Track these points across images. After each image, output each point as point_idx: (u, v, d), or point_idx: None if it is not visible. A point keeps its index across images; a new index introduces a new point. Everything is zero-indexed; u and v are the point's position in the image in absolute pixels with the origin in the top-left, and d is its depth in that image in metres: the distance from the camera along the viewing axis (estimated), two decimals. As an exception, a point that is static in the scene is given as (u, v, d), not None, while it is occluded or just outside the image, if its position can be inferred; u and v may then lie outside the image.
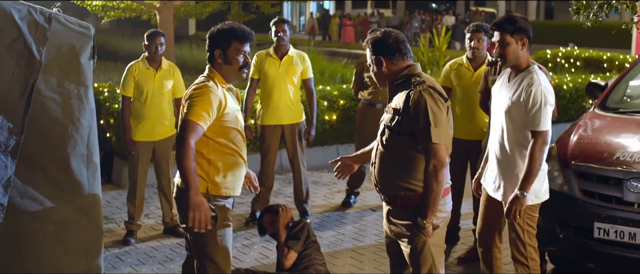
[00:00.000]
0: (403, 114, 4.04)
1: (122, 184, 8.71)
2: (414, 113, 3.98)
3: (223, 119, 4.26)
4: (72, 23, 5.37)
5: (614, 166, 5.39)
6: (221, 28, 4.34)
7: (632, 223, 5.19)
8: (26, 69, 5.10)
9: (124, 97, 6.79)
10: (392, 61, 4.12)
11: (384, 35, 4.15)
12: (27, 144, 5.09)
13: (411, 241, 4.14)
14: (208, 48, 4.35)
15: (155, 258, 6.40)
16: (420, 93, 3.98)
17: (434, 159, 3.94)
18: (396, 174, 4.12)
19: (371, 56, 4.19)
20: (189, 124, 4.12)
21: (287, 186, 8.70)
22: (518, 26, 4.64)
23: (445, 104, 4.05)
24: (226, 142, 4.32)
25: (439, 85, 4.15)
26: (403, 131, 4.05)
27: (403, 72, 4.13)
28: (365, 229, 7.27)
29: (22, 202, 5.23)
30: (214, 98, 4.19)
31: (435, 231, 4.10)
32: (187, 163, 4.08)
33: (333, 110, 9.89)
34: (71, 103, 5.39)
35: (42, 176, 5.31)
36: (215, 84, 4.27)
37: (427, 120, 3.94)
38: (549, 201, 5.45)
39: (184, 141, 4.09)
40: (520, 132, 4.74)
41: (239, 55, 4.29)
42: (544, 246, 5.71)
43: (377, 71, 4.19)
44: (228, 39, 4.28)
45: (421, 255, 4.13)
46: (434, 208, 4.00)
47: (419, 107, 3.97)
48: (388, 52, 4.11)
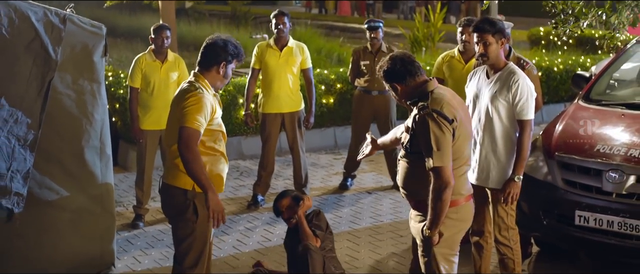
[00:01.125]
0: (412, 135, 4.35)
1: (128, 167, 9.06)
2: (420, 136, 4.27)
3: (212, 122, 4.59)
4: (85, 23, 5.71)
5: (594, 158, 5.76)
6: (228, 41, 4.66)
7: (610, 211, 5.56)
8: (43, 68, 5.44)
9: (131, 89, 7.13)
10: (405, 84, 4.40)
11: (391, 63, 4.42)
12: (44, 138, 5.45)
13: (422, 244, 4.49)
14: (211, 55, 4.64)
15: (164, 241, 6.78)
16: (424, 118, 4.24)
17: (438, 180, 4.22)
18: (414, 183, 4.43)
19: (386, 84, 4.50)
20: (190, 132, 4.43)
21: (286, 168, 9.06)
22: (498, 28, 5.03)
23: (450, 126, 4.24)
24: (211, 144, 4.65)
25: (447, 105, 4.29)
26: (413, 150, 4.37)
27: (417, 90, 4.39)
28: (362, 212, 7.65)
29: (40, 192, 5.60)
30: (207, 103, 4.51)
31: (443, 238, 4.40)
32: (199, 169, 4.43)
33: (330, 94, 10.23)
34: (85, 99, 5.75)
35: (58, 168, 5.68)
36: (205, 88, 4.59)
37: (429, 145, 4.20)
38: (534, 189, 5.86)
39: (189, 148, 4.41)
40: (508, 122, 5.13)
41: (231, 71, 4.68)
42: (529, 231, 6.13)
43: (395, 95, 4.49)
44: (234, 55, 4.63)
45: (428, 259, 4.46)
46: (438, 222, 4.29)
47: (423, 132, 4.24)
48: (399, 78, 4.40)
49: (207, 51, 4.67)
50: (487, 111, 5.16)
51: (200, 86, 4.59)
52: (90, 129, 5.81)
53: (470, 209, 4.54)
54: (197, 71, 4.69)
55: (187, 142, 4.42)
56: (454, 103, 4.38)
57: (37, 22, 5.43)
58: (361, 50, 8.25)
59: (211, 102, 4.56)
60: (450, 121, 4.25)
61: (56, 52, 5.49)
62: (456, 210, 4.40)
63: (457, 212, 4.41)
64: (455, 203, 4.38)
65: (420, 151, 4.31)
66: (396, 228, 7.13)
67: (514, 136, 5.12)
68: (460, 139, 4.32)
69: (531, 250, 6.44)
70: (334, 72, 10.60)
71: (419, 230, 4.45)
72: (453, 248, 4.49)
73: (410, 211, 4.63)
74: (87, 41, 5.73)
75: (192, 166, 4.43)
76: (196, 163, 4.43)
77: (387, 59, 4.50)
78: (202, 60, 4.68)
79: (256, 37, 17.85)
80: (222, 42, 4.65)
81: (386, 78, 4.49)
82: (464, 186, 4.46)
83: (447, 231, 4.40)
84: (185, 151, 4.43)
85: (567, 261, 6.32)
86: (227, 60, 4.63)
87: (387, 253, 6.58)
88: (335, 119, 10.39)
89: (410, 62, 4.44)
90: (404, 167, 4.51)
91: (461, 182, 4.41)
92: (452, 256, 4.50)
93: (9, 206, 5.33)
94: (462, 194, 4.44)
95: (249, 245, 6.78)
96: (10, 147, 5.32)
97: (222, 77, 4.66)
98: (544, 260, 6.42)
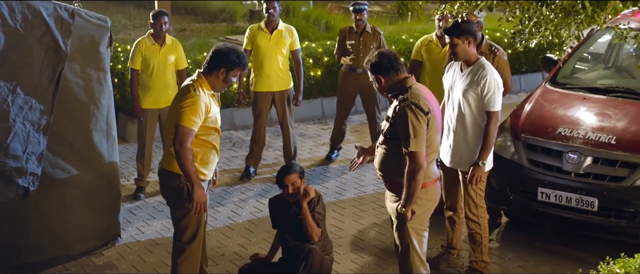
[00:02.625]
0: (392, 123, 4.93)
1: (127, 138, 9.60)
2: (398, 125, 4.85)
3: (206, 120, 5.12)
4: (91, 17, 6.22)
5: (556, 140, 6.36)
6: (232, 51, 5.17)
7: (569, 188, 6.19)
8: (54, 59, 5.97)
9: (132, 70, 7.65)
10: (388, 77, 4.98)
11: (379, 57, 4.99)
12: (56, 123, 6.02)
13: (397, 220, 5.08)
14: (213, 61, 5.16)
15: (164, 213, 7.36)
16: (404, 109, 4.81)
17: (413, 163, 4.81)
18: (390, 167, 5.03)
19: (371, 76, 5.04)
20: (184, 130, 4.99)
21: (276, 139, 9.60)
22: (462, 29, 5.57)
23: (426, 117, 4.83)
24: (205, 139, 5.19)
25: (423, 99, 4.85)
26: (392, 137, 4.95)
27: (398, 85, 4.96)
28: (346, 184, 8.25)
29: (53, 171, 6.17)
30: (202, 104, 5.04)
31: (415, 215, 4.99)
32: (188, 164, 5.00)
33: (318, 66, 10.76)
34: (92, 86, 6.29)
35: (69, 149, 6.25)
36: (202, 90, 5.10)
37: (407, 132, 4.79)
38: (502, 167, 6.46)
39: (182, 145, 4.98)
40: (477, 113, 5.70)
41: (234, 77, 5.21)
42: (497, 205, 6.75)
43: (379, 86, 5.05)
44: (235, 63, 5.14)
45: (402, 233, 5.07)
46: (411, 200, 4.88)
47: (402, 120, 4.82)
48: (384, 71, 4.97)
49: (212, 56, 5.19)
50: (460, 102, 5.72)
51: (199, 86, 5.11)
52: (98, 114, 6.35)
53: (437, 190, 5.14)
54: (201, 72, 5.21)
55: (181, 140, 4.99)
56: (429, 98, 4.97)
57: (48, 17, 5.93)
58: (347, 31, 8.77)
59: (206, 102, 5.08)
60: (425, 113, 4.85)
61: (66, 44, 6.01)
62: (426, 191, 5.00)
63: (426, 193, 5.02)
64: (424, 185, 4.97)
65: (398, 138, 4.89)
66: (378, 199, 7.73)
67: (483, 125, 5.69)
68: (432, 130, 4.91)
69: (500, 221, 7.06)
70: (322, 45, 11.11)
71: (394, 209, 5.05)
72: (423, 224, 5.10)
73: (386, 192, 5.21)
74: (93, 33, 6.24)
75: (182, 161, 5.00)
76: (186, 159, 4.99)
77: (376, 53, 5.06)
78: (206, 64, 5.20)
79: (246, 3, 18.32)
80: (226, 50, 5.17)
81: (372, 70, 5.04)
82: (433, 171, 5.07)
83: (418, 209, 5.00)
84: (178, 147, 4.99)
85: (533, 232, 6.92)
86: (227, 67, 5.13)
87: (369, 223, 7.18)
88: (322, 90, 10.93)
89: (395, 60, 5.01)
90: (382, 153, 5.09)
91: (430, 167, 5.01)
92: (423, 231, 5.12)
93: (25, 184, 5.91)
94: (431, 177, 5.05)
95: (242, 216, 7.37)
96: (25, 131, 5.86)
97: (221, 82, 5.18)
98: (511, 231, 7.03)
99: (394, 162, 4.96)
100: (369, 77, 5.12)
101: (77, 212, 6.36)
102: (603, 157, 6.15)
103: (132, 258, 6.46)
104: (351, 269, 6.26)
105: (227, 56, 5.15)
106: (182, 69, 7.76)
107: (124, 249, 6.62)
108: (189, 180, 5.06)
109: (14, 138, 5.81)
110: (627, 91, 6.82)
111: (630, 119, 6.42)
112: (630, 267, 4.31)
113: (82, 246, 6.42)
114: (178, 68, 7.76)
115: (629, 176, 6.04)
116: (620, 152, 6.11)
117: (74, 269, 6.22)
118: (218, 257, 6.47)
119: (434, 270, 6.08)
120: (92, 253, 6.47)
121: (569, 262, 6.31)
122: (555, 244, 6.69)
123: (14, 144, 5.80)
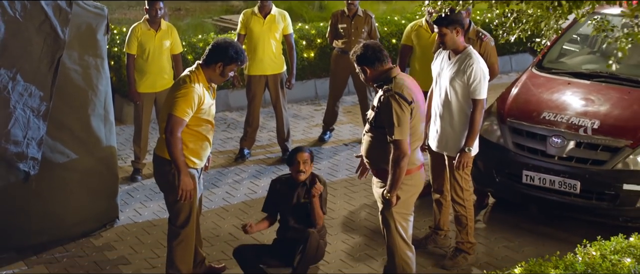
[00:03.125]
0: (377, 113, 5.12)
1: (123, 120, 9.78)
2: (383, 114, 5.05)
3: (199, 112, 5.31)
4: (89, 5, 6.38)
5: (540, 124, 6.57)
6: (231, 46, 5.35)
7: (552, 172, 6.41)
8: (53, 47, 6.13)
9: (128, 55, 7.81)
10: (373, 68, 5.16)
11: (364, 49, 5.17)
12: (55, 108, 6.20)
13: (382, 204, 5.29)
14: (212, 54, 5.34)
15: (160, 195, 7.44)
16: (388, 98, 5.00)
17: (397, 150, 5.00)
18: (376, 154, 5.23)
19: (357, 67, 5.23)
20: (176, 120, 5.19)
21: (270, 120, 9.78)
22: (450, 19, 5.73)
23: (409, 106, 5.01)
24: (198, 130, 5.40)
25: (407, 89, 5.04)
26: (377, 125, 5.14)
27: (382, 75, 5.15)
28: (338, 165, 8.46)
29: (53, 155, 6.37)
30: (195, 96, 5.23)
31: (400, 200, 5.19)
32: (177, 152, 5.21)
33: (311, 48, 10.93)
34: (90, 73, 6.47)
35: (68, 134, 6.44)
36: (198, 82, 5.29)
37: (391, 121, 4.98)
38: (488, 150, 6.67)
39: (172, 133, 5.18)
40: (463, 100, 5.89)
41: (231, 72, 5.40)
42: (484, 186, 6.98)
43: (364, 76, 5.24)
44: (232, 59, 5.33)
45: (387, 218, 5.28)
46: (396, 186, 5.08)
47: (387, 110, 5.00)
48: (369, 62, 5.16)
49: (211, 49, 5.37)
50: (447, 89, 5.91)
51: (195, 77, 5.30)
52: (95, 99, 6.53)
53: (421, 176, 5.34)
54: (199, 64, 5.40)
55: (172, 128, 5.20)
56: (413, 88, 5.14)
57: (46, 6, 6.08)
58: (339, 14, 8.94)
59: (200, 94, 5.26)
60: (409, 102, 5.03)
61: (64, 32, 6.16)
62: (410, 177, 5.20)
63: (411, 179, 5.22)
64: (409, 172, 5.17)
65: (383, 127, 5.08)
66: (369, 181, 7.81)
67: (469, 112, 5.88)
68: (415, 119, 5.10)
69: (488, 202, 7.28)
70: (315, 27, 11.27)
71: (380, 194, 5.25)
72: (408, 208, 5.31)
73: (373, 178, 5.42)
74: (90, 21, 6.40)
75: (172, 149, 5.22)
76: (175, 147, 5.21)
77: (361, 46, 5.24)
78: (205, 56, 5.39)
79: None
80: (225, 45, 5.36)
81: (358, 61, 5.23)
82: (417, 158, 5.26)
83: (403, 194, 5.20)
84: (168, 135, 5.21)
85: (519, 213, 7.14)
86: (225, 62, 5.32)
87: (360, 204, 7.40)
88: (315, 71, 11.11)
89: (380, 51, 5.20)
90: (368, 141, 5.29)
91: (414, 154, 5.20)
92: (408, 216, 5.33)
93: (26, 169, 6.10)
94: (415, 164, 5.24)
95: (237, 197, 7.58)
96: (25, 117, 6.04)
97: (218, 75, 5.37)
98: (498, 211, 7.26)
99: (379, 149, 5.16)
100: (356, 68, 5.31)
101: (76, 195, 6.55)
102: (585, 142, 6.36)
103: (129, 239, 6.67)
104: (342, 249, 6.48)
105: (226, 51, 5.32)
106: (177, 54, 7.93)
107: (122, 230, 6.83)
108: (177, 168, 5.27)
109: (14, 124, 5.98)
110: (610, 76, 7.00)
111: (612, 104, 6.62)
112: (606, 249, 4.54)
113: (82, 228, 6.63)
114: (173, 53, 7.92)
115: (609, 160, 6.26)
116: (602, 137, 6.32)
117: (74, 250, 6.43)
118: (213, 238, 6.68)
119: (422, 250, 6.33)
120: (91, 234, 6.68)
121: (552, 242, 6.53)
122: (541, 225, 6.91)
123: (14, 130, 5.98)
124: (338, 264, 6.23)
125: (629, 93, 6.74)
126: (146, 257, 6.34)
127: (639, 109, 6.56)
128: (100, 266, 6.19)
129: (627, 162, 6.21)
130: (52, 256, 6.30)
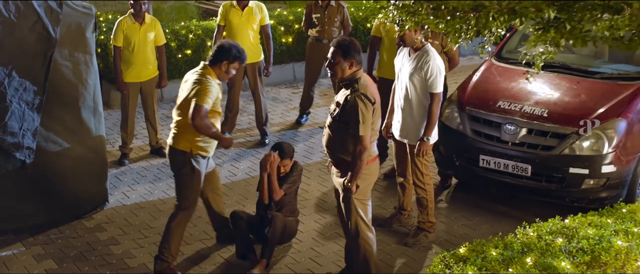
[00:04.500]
0: (342, 109, 5.61)
1: (110, 105, 10.28)
2: (349, 112, 5.53)
3: (215, 105, 5.94)
4: (77, 5, 6.88)
5: (496, 113, 7.13)
6: (234, 47, 6.02)
7: (506, 156, 6.99)
8: (45, 45, 6.64)
9: (115, 47, 8.32)
10: (348, 61, 5.50)
11: (351, 43, 5.52)
12: (48, 101, 6.72)
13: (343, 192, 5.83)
14: (217, 54, 5.99)
15: (147, 178, 8.12)
16: (355, 98, 5.48)
17: (359, 145, 5.50)
18: (337, 146, 5.74)
19: (333, 55, 5.55)
20: (201, 109, 5.83)
21: (250, 104, 10.30)
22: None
23: (373, 106, 5.51)
24: (211, 121, 5.96)
25: (370, 90, 5.48)
26: (340, 121, 5.64)
27: (351, 75, 5.56)
28: (313, 147, 9.03)
29: (46, 145, 6.89)
30: (214, 89, 5.90)
31: (359, 189, 5.71)
32: (209, 131, 5.93)
33: (289, 33, 11.45)
34: (80, 68, 6.98)
35: (60, 125, 6.96)
36: (212, 77, 5.96)
37: (357, 118, 5.46)
38: (449, 136, 7.24)
39: (201, 119, 5.83)
40: (421, 94, 6.45)
41: (233, 69, 6.04)
42: (445, 170, 7.57)
43: (333, 71, 5.58)
44: (235, 57, 5.99)
45: (348, 204, 5.81)
46: (357, 176, 5.59)
47: (353, 108, 5.48)
48: (348, 54, 5.49)
49: (216, 50, 6.04)
50: (407, 84, 6.47)
51: (209, 74, 5.95)
52: (85, 93, 7.04)
53: (377, 167, 5.87)
54: (206, 64, 6.02)
55: (200, 114, 5.83)
56: (374, 90, 5.66)
57: (38, 7, 6.57)
58: (313, 4, 9.45)
59: (217, 89, 5.94)
60: (372, 103, 5.56)
61: (55, 31, 6.66)
62: (367, 168, 5.71)
63: (368, 169, 5.73)
64: (367, 163, 5.68)
65: (346, 121, 5.58)
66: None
67: (427, 104, 6.44)
68: (375, 117, 5.63)
69: (451, 183, 7.88)
70: (293, 13, 11.77)
71: (340, 183, 5.79)
72: (366, 195, 5.82)
73: (332, 168, 5.95)
74: (80, 20, 6.90)
75: (205, 131, 5.91)
76: (208, 128, 5.91)
77: (349, 40, 5.63)
78: (211, 57, 6.03)
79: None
80: (228, 46, 6.04)
81: (339, 48, 5.52)
82: (373, 150, 5.77)
83: (362, 183, 5.71)
84: (197, 121, 5.83)
85: (478, 193, 7.72)
86: (229, 60, 5.99)
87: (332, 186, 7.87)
88: (293, 55, 11.64)
89: (360, 53, 5.61)
90: (329, 133, 5.80)
91: (371, 147, 5.72)
92: (366, 201, 5.85)
93: (22, 157, 6.63)
94: (372, 155, 5.76)
95: (237, 176, 8.11)
96: (21, 110, 6.56)
97: (224, 73, 6.04)
98: (460, 191, 7.85)
99: (340, 142, 5.68)
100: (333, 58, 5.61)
101: (69, 180, 7.08)
102: (536, 129, 6.94)
103: (119, 220, 7.22)
104: (314, 228, 7.06)
105: (229, 50, 6.00)
106: (161, 45, 8.45)
107: (111, 212, 7.38)
108: (216, 139, 6.04)
109: (11, 117, 6.49)
110: (562, 66, 7.56)
111: (562, 93, 7.19)
112: (543, 230, 5.14)
113: (74, 211, 7.17)
114: (157, 44, 8.43)
115: (558, 146, 6.84)
116: (551, 124, 6.90)
117: (67, 232, 6.97)
118: (196, 219, 7.20)
119: (387, 229, 6.92)
120: (83, 216, 7.23)
121: (507, 220, 7.13)
122: (499, 204, 7.49)
123: (11, 122, 6.49)
124: (310, 242, 6.81)
125: (578, 83, 7.29)
126: (134, 237, 6.90)
127: (586, 98, 7.11)
128: (92, 246, 6.73)
129: (573, 148, 6.79)
130: (48, 238, 6.84)
